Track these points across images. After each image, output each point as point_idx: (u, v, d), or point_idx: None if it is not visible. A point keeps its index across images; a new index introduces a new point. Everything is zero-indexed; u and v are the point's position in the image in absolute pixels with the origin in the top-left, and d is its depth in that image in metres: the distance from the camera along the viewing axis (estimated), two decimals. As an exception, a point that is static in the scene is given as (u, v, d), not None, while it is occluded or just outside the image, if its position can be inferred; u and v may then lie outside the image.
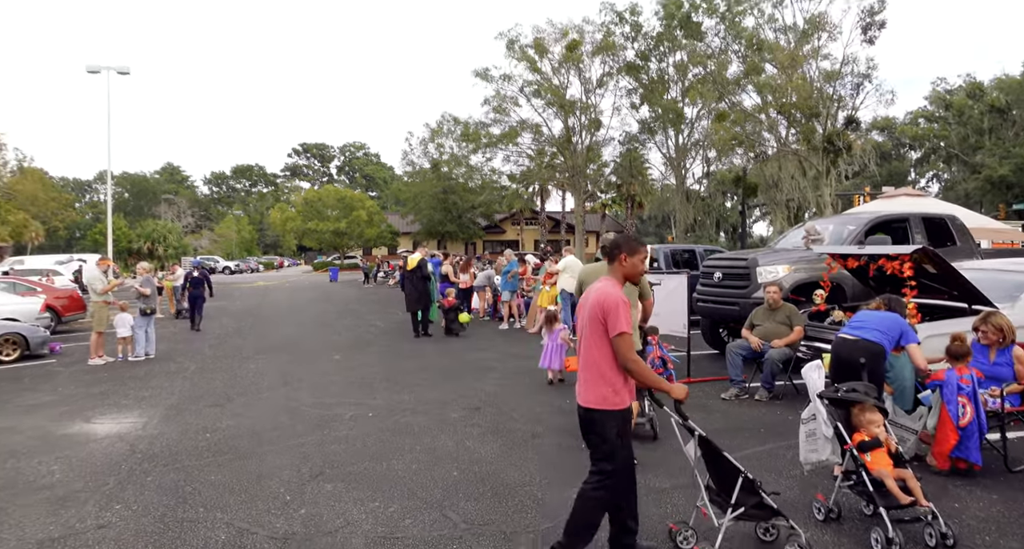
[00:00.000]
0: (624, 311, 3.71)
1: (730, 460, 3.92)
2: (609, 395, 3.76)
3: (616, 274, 4.00)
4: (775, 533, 4.02)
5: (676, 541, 4.05)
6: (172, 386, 9.72)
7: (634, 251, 3.97)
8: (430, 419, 7.35)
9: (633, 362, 3.71)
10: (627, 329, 3.69)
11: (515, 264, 15.85)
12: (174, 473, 5.73)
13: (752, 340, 7.98)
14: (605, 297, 3.77)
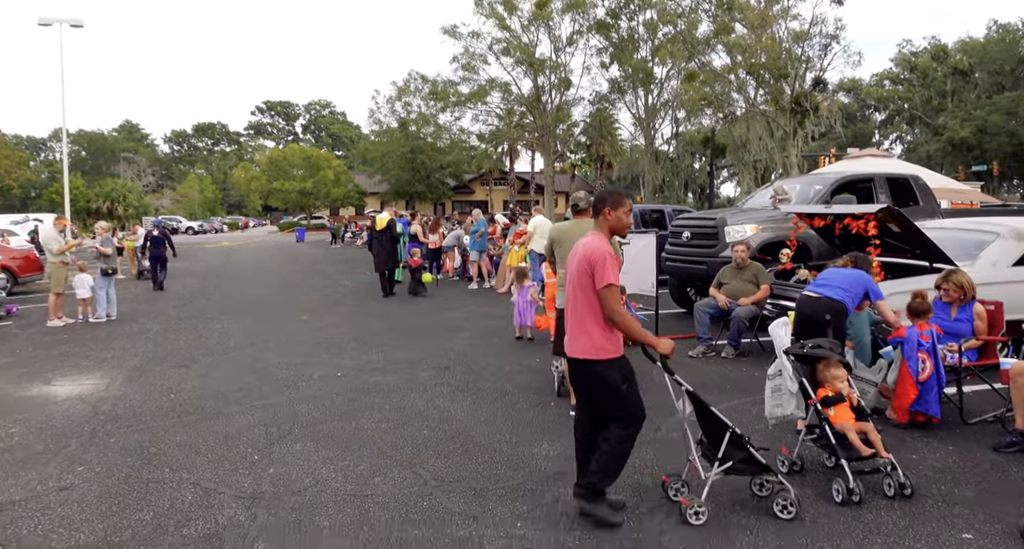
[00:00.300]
0: (611, 264, 3.76)
1: (718, 415, 3.97)
2: (603, 344, 3.82)
3: (602, 228, 4.02)
4: (769, 488, 4.06)
5: (668, 493, 4.11)
6: (135, 347, 9.55)
7: (618, 204, 3.98)
8: (400, 378, 7.34)
9: (619, 314, 3.75)
10: (614, 281, 3.75)
11: (483, 224, 15.75)
12: (138, 434, 5.64)
13: (719, 298, 8.06)
14: (592, 250, 3.81)
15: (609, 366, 3.84)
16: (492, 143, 52.71)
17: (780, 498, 3.90)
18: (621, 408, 3.88)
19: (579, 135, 53.16)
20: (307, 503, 4.20)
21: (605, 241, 3.92)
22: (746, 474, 4.04)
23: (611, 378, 3.84)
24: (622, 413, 3.89)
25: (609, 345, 3.84)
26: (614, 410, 3.90)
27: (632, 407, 3.89)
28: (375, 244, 14.56)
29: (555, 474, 4.58)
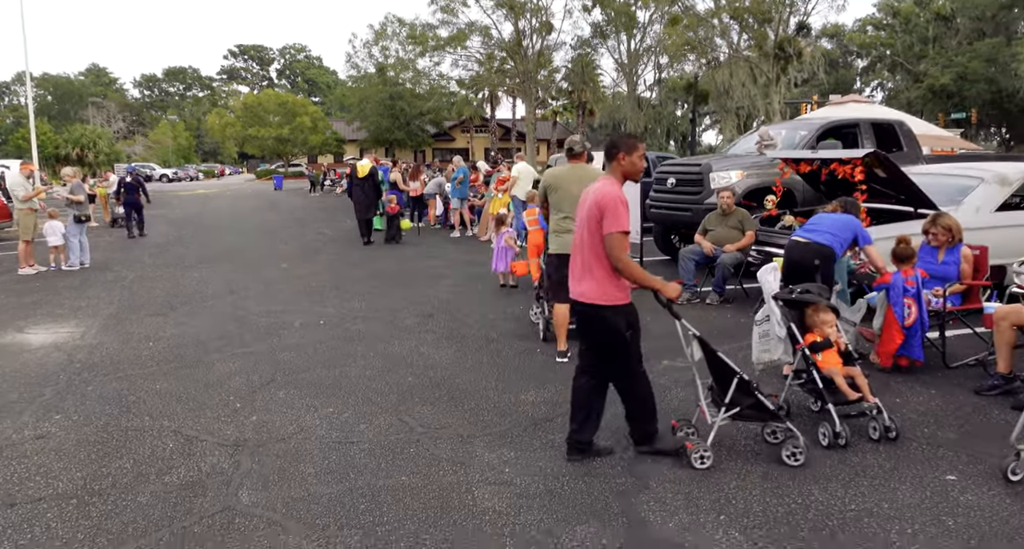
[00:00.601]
0: (623, 211, 3.72)
1: (726, 361, 3.94)
2: (612, 291, 3.80)
3: (615, 173, 3.95)
4: (781, 436, 4.05)
5: (677, 434, 4.13)
6: (110, 296, 9.37)
7: (632, 148, 3.90)
8: (383, 326, 7.25)
9: (622, 262, 3.70)
10: (622, 228, 3.70)
11: (465, 170, 15.49)
12: (116, 382, 5.54)
13: (705, 245, 8.00)
14: (603, 195, 3.76)
15: (616, 312, 3.82)
16: (472, 89, 51.76)
17: (790, 445, 3.87)
18: (621, 358, 3.88)
19: (561, 81, 52.37)
20: (291, 450, 4.15)
21: (618, 186, 3.87)
22: (753, 420, 4.03)
23: (616, 324, 3.82)
24: (621, 364, 3.90)
25: (618, 291, 3.82)
26: (614, 359, 3.90)
27: (632, 360, 3.91)
28: (356, 191, 14.29)
29: (542, 420, 4.55)
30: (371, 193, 14.28)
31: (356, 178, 14.26)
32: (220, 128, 60.39)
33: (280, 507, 3.48)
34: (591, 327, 3.96)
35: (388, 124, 52.93)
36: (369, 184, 14.21)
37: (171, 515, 3.43)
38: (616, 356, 3.91)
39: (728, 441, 4.14)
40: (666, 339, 5.75)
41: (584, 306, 3.91)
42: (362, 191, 14.23)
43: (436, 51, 46.38)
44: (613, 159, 3.92)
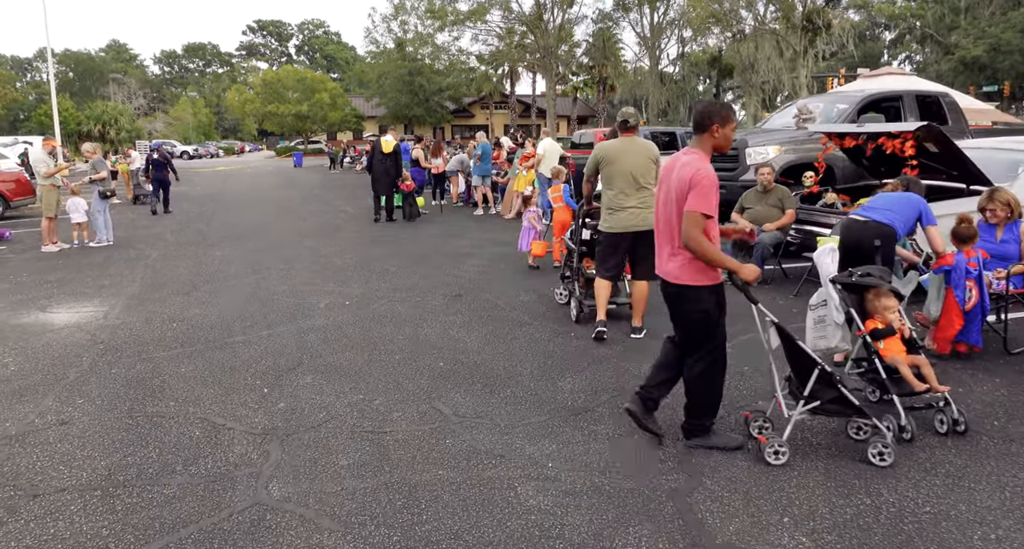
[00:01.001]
0: (712, 193, 3.51)
1: (806, 351, 3.68)
2: (702, 267, 3.60)
3: (704, 146, 3.69)
4: (867, 432, 3.79)
5: (750, 429, 3.88)
6: (133, 274, 9.24)
7: (726, 121, 3.65)
8: (410, 307, 7.05)
9: (695, 240, 3.47)
10: (704, 210, 3.47)
11: (487, 146, 15.16)
12: (140, 365, 5.38)
13: (742, 223, 7.68)
14: (695, 172, 3.51)
15: (704, 293, 3.66)
16: (492, 65, 51.12)
17: (878, 443, 3.59)
18: (705, 340, 3.70)
19: (581, 56, 51.59)
20: (322, 440, 3.96)
21: (707, 161, 3.62)
22: (834, 415, 3.76)
23: (704, 306, 3.66)
24: (705, 347, 3.71)
25: (708, 270, 3.63)
26: (698, 340, 3.73)
27: (715, 343, 3.72)
28: (378, 166, 14.05)
29: (582, 410, 4.32)
30: (392, 170, 14.03)
31: (380, 153, 14.01)
32: (240, 105, 60.28)
33: (312, 503, 3.30)
34: (679, 308, 3.78)
35: (407, 100, 52.42)
36: (391, 161, 13.96)
37: (199, 510, 3.25)
38: (699, 338, 3.72)
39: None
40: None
41: (671, 286, 3.73)
42: (383, 167, 13.98)
43: (456, 25, 45.76)
44: (705, 130, 3.65)
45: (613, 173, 5.67)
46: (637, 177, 5.65)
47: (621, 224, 5.67)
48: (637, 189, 5.66)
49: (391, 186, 14.14)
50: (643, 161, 5.70)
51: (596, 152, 5.84)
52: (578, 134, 18.25)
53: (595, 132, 17.34)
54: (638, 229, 5.65)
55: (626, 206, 5.65)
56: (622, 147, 5.73)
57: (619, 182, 5.64)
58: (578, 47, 50.38)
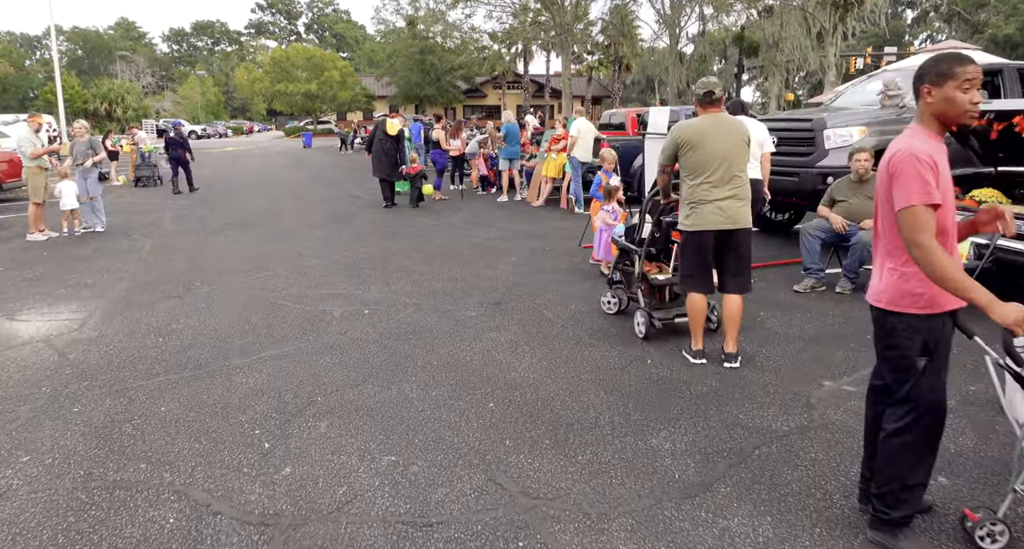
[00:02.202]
0: (915, 175, 2.37)
1: None
2: (911, 290, 2.49)
3: (923, 120, 2.55)
4: None
5: (975, 535, 2.67)
6: (123, 269, 8.14)
7: (943, 77, 2.47)
8: (441, 318, 5.90)
9: (921, 248, 2.35)
10: (914, 201, 2.36)
11: (514, 127, 13.93)
12: (111, 400, 4.27)
13: (834, 219, 6.49)
14: (892, 155, 2.46)
15: (907, 326, 2.52)
16: (506, 43, 49.68)
17: None
18: (905, 391, 2.57)
19: (597, 35, 50.06)
20: (343, 538, 2.83)
21: (918, 139, 2.47)
22: None
23: (906, 342, 2.53)
24: (904, 395, 2.57)
25: (912, 295, 2.49)
26: (895, 391, 2.60)
27: (922, 392, 2.55)
28: (376, 146, 12.99)
29: (698, 488, 3.16)
30: (392, 152, 12.96)
31: (383, 133, 12.90)
32: (248, 83, 59.02)
33: None
34: (878, 339, 2.67)
35: (418, 79, 51.06)
36: (392, 143, 12.87)
37: None
38: (896, 388, 2.60)
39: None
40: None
41: (872, 310, 2.64)
42: (382, 149, 12.89)
43: (469, 0, 44.24)
44: (918, 97, 2.52)
45: (700, 160, 4.51)
46: (729, 163, 4.49)
47: (707, 221, 4.51)
48: (729, 178, 4.50)
49: (390, 168, 13.05)
50: (735, 143, 4.53)
51: (676, 135, 4.64)
52: (608, 114, 16.96)
53: (627, 112, 16.05)
54: (727, 227, 4.50)
55: (713, 199, 4.49)
56: (707, 127, 4.55)
57: (706, 170, 4.48)
58: (593, 25, 48.82)
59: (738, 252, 4.66)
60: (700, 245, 4.59)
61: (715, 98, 4.59)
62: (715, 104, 4.61)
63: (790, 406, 3.96)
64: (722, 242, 4.59)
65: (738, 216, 4.52)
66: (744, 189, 4.58)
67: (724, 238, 4.57)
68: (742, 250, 4.68)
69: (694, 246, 4.62)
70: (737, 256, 4.67)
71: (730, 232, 4.55)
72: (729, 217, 4.50)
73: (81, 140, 10.92)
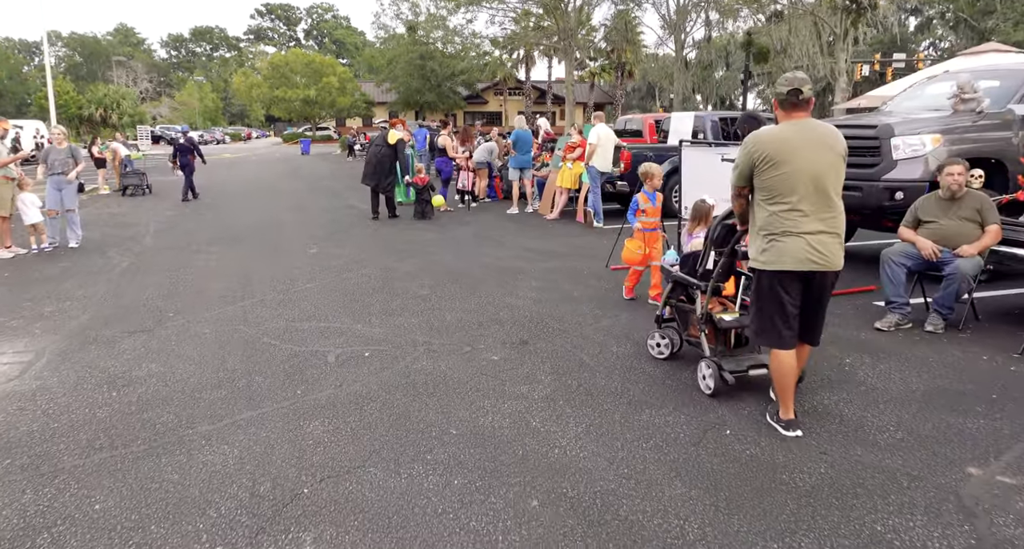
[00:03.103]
0: None
1: None
2: None
3: None
4: None
5: None
6: (89, 294, 7.13)
7: None
8: (457, 363, 4.88)
9: None
10: None
11: (525, 134, 12.93)
12: (33, 491, 3.24)
13: (924, 245, 5.47)
14: None
15: None
16: (507, 49, 48.93)
17: None
18: None
19: (599, 41, 49.32)
20: None
21: None
22: None
23: None
24: None
25: None
26: None
27: None
28: (371, 150, 12.07)
29: None
30: (386, 160, 11.98)
31: (381, 139, 11.95)
32: (246, 89, 58.14)
33: None
34: None
35: (418, 85, 50.14)
36: (387, 151, 11.90)
37: None
38: None
39: None
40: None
41: None
42: (376, 156, 11.92)
43: (471, 4, 43.37)
44: None
45: (782, 180, 3.49)
46: (824, 184, 3.48)
47: (791, 258, 3.49)
48: (824, 204, 3.49)
49: (382, 178, 12.06)
50: (830, 158, 3.52)
51: (752, 147, 3.60)
52: (623, 120, 15.97)
53: (644, 117, 15.07)
54: (815, 269, 3.50)
55: (802, 231, 3.48)
56: (793, 137, 3.53)
57: (792, 193, 3.47)
58: (596, 31, 48.11)
59: (820, 299, 3.67)
60: (780, 289, 3.57)
61: (802, 99, 3.57)
62: (802, 107, 3.59)
63: (939, 510, 2.94)
64: (809, 284, 3.58)
65: (831, 255, 3.51)
66: (840, 219, 3.56)
67: (811, 280, 3.57)
68: (824, 297, 3.68)
69: (772, 290, 3.60)
70: (817, 303, 3.68)
71: (816, 274, 3.55)
72: (820, 256, 3.48)
73: (59, 147, 9.90)
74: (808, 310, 3.65)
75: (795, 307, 3.60)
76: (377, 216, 12.35)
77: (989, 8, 55.44)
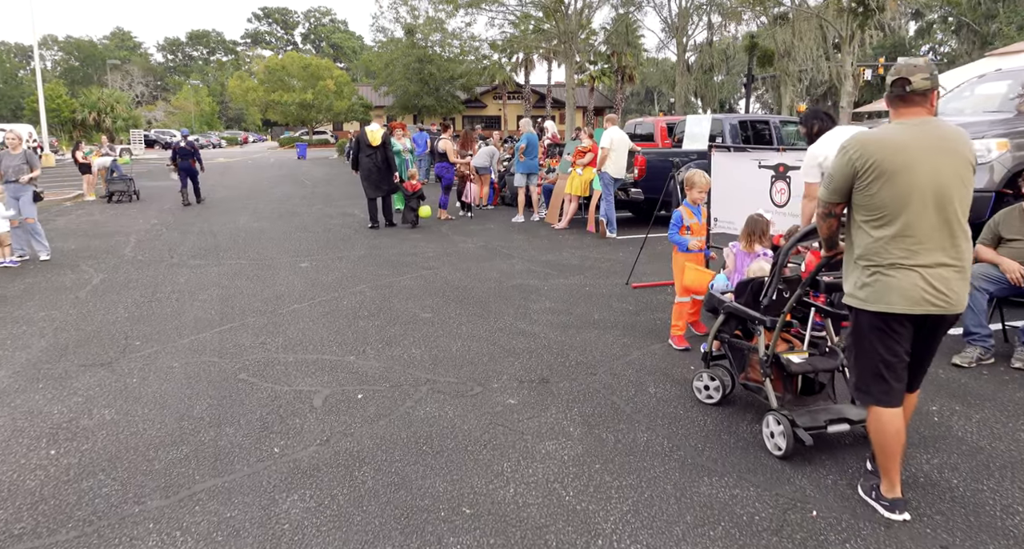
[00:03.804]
0: None
1: None
2: None
3: None
4: None
5: None
6: (51, 317, 6.35)
7: None
8: (468, 410, 4.10)
9: None
10: None
11: (533, 137, 12.18)
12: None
13: (1009, 266, 4.71)
14: None
15: None
16: (507, 52, 48.33)
17: None
18: None
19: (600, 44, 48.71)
20: None
21: None
22: None
23: None
24: None
25: None
26: None
27: None
28: (365, 163, 11.25)
29: None
30: (383, 166, 11.27)
31: (367, 147, 11.18)
32: (242, 92, 57.43)
33: None
34: None
35: (416, 89, 49.46)
36: (381, 155, 11.17)
37: None
38: None
39: None
40: None
41: None
42: (373, 164, 11.19)
43: (471, 7, 42.70)
44: None
45: (893, 196, 2.72)
46: (947, 201, 2.71)
47: (902, 297, 2.71)
48: (946, 228, 2.72)
49: (384, 185, 11.36)
50: (955, 167, 2.73)
51: (853, 152, 2.80)
52: (632, 124, 15.21)
53: (655, 121, 14.31)
54: (935, 312, 2.73)
55: (918, 264, 2.70)
56: (910, 141, 2.74)
57: (907, 212, 2.70)
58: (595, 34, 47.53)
59: (931, 345, 2.91)
60: (885, 333, 2.80)
61: (913, 90, 2.79)
62: (915, 102, 2.81)
63: None
64: (920, 328, 2.82)
65: (954, 295, 2.74)
66: (967, 248, 2.77)
67: (921, 323, 2.80)
68: (936, 343, 2.93)
69: (876, 335, 2.82)
70: (927, 349, 2.92)
71: (934, 318, 2.78)
72: (939, 296, 2.71)
73: (13, 153, 9.10)
74: (915, 355, 2.89)
75: (905, 355, 2.83)
76: (376, 225, 11.60)
77: (991, 12, 55.01)
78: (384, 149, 11.28)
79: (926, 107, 2.79)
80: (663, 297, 6.75)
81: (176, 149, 16.38)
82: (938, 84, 2.79)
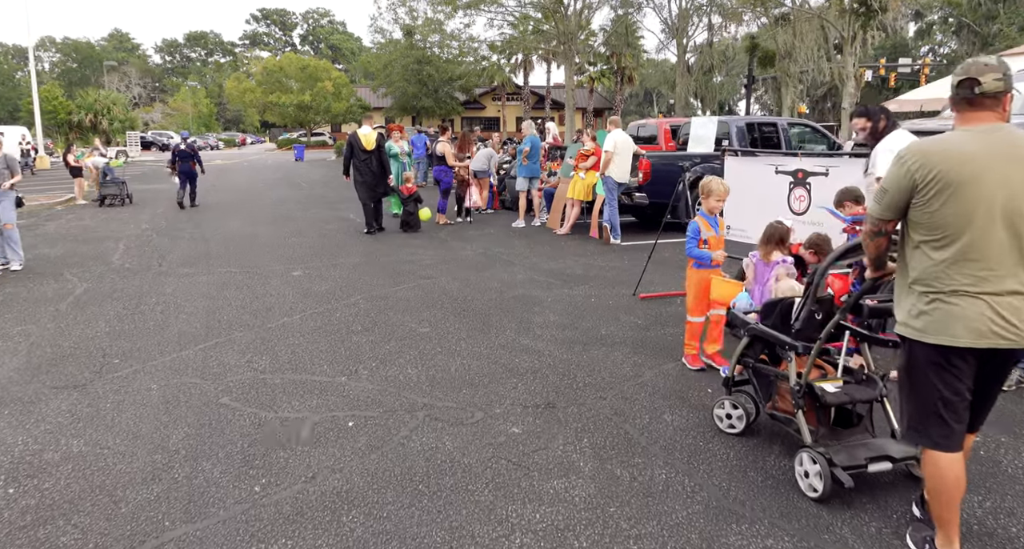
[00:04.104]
0: None
1: None
2: None
3: None
4: None
5: None
6: (27, 332, 6.00)
7: None
8: (468, 440, 3.76)
9: None
10: None
11: (536, 140, 11.83)
12: None
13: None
14: None
15: None
16: (506, 53, 48.05)
17: None
18: None
19: (599, 46, 48.45)
20: None
21: None
22: None
23: None
24: None
25: None
26: None
27: None
28: (359, 167, 10.93)
29: None
30: (378, 170, 11.00)
31: (360, 150, 10.86)
32: (239, 94, 57.07)
33: None
34: None
35: (415, 90, 49.14)
36: (375, 159, 10.87)
37: None
38: None
39: None
40: None
41: None
42: (366, 167, 10.88)
43: (470, 8, 42.40)
44: None
45: (957, 213, 2.36)
46: (1021, 218, 2.35)
47: (969, 330, 2.36)
48: (1020, 250, 2.37)
49: (379, 189, 11.06)
50: None
51: (916, 161, 2.45)
52: (635, 125, 14.85)
53: (659, 122, 13.98)
54: (1004, 345, 2.38)
55: (986, 291, 2.35)
56: (979, 149, 2.39)
57: (972, 231, 2.36)
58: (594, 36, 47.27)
59: (998, 382, 2.57)
60: (946, 369, 2.45)
61: (982, 93, 2.44)
62: (985, 106, 2.45)
63: None
64: (982, 363, 2.47)
65: None
66: None
67: (987, 358, 2.46)
68: (1004, 377, 2.58)
69: (934, 369, 2.47)
70: (994, 386, 2.58)
71: (1003, 352, 2.44)
72: (1011, 329, 2.36)
73: (1, 153, 8.75)
74: (978, 392, 2.55)
75: (968, 393, 2.49)
76: (371, 230, 11.28)
77: (992, 13, 54.80)
78: (379, 152, 10.98)
79: (997, 112, 2.44)
80: (673, 309, 6.41)
81: (176, 151, 16.05)
82: (1012, 86, 2.44)
